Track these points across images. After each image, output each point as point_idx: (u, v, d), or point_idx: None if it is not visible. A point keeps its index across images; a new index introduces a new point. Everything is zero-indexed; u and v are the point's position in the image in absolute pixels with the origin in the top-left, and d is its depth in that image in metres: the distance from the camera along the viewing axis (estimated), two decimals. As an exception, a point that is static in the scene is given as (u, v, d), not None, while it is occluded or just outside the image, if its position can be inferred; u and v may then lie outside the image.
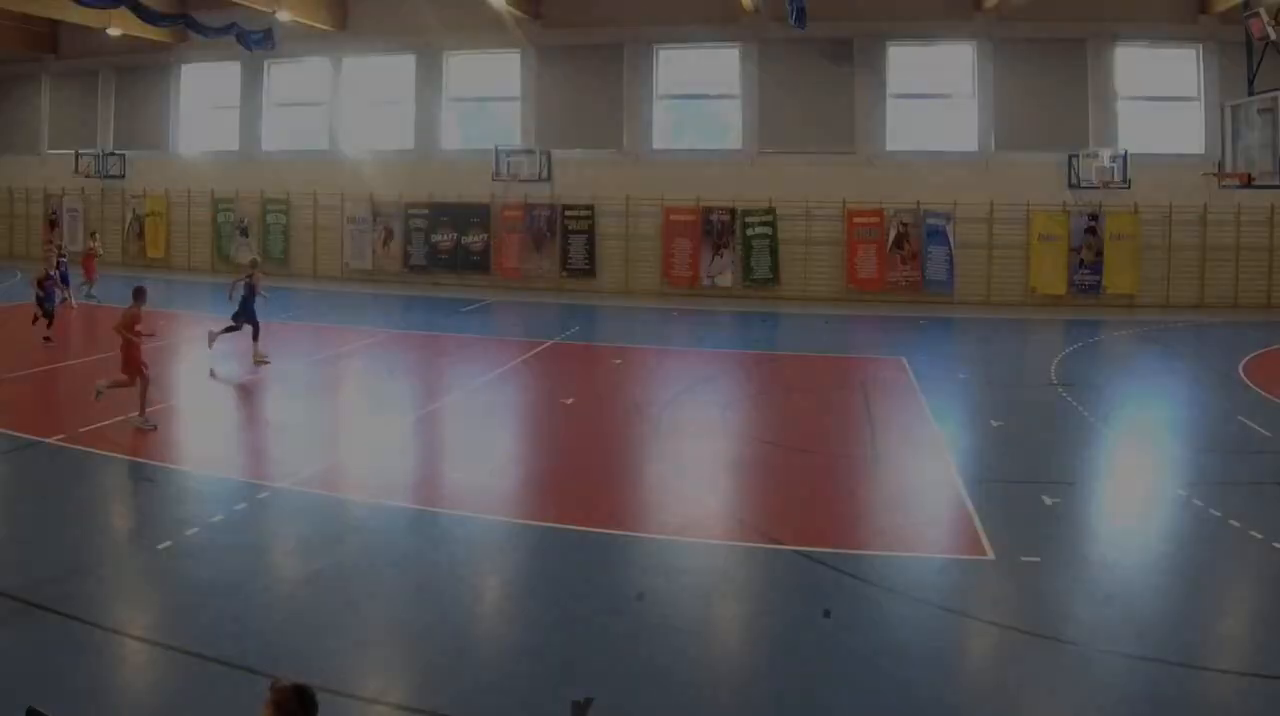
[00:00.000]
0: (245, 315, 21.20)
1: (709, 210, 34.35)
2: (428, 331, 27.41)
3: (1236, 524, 11.98)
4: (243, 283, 21.56)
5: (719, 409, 18.70)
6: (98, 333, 23.82)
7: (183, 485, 13.68)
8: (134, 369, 16.02)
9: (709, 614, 9.96)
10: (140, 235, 39.24)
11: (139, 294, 16.60)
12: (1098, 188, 32.36)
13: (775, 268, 33.92)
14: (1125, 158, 32.03)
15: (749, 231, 34.17)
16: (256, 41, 35.02)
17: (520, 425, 18.36)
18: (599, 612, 9.57)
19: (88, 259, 30.28)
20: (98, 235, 33.56)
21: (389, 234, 36.56)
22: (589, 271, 35.24)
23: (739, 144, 34.91)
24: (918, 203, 33.31)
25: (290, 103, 38.27)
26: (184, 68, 39.21)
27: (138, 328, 16.23)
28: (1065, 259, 32.98)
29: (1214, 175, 26.34)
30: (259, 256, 31.91)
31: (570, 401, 19.14)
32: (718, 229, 34.33)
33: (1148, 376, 23.27)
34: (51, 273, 24.79)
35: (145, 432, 15.39)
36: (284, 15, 33.00)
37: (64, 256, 28.60)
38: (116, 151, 39.65)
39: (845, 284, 33.88)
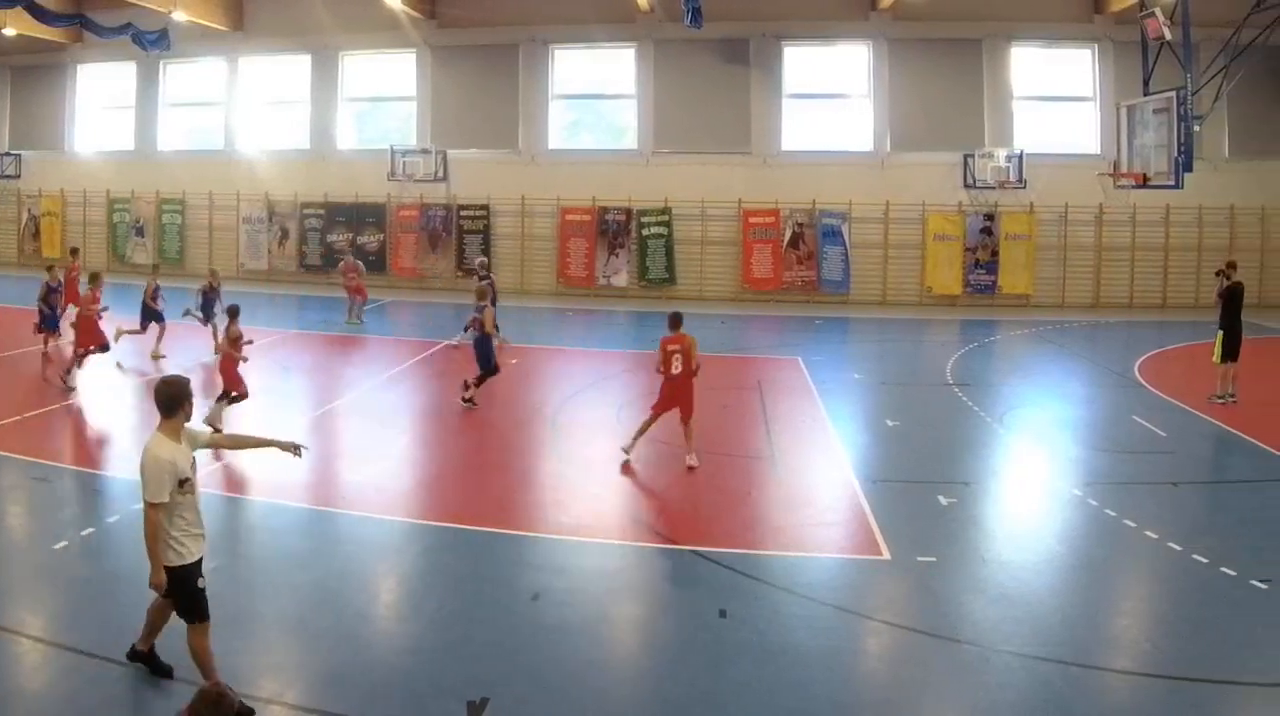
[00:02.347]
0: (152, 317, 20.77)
1: (605, 210, 31.33)
2: (323, 331, 25.24)
3: (1131, 523, 11.35)
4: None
5: (615, 409, 17.20)
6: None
7: (77, 485, 12.76)
8: (232, 382, 15.24)
9: (605, 613, 9.35)
10: (36, 235, 35.59)
11: (235, 313, 16.00)
12: (993, 188, 29.86)
13: (671, 268, 30.94)
14: (1021, 158, 29.56)
15: (645, 231, 31.15)
16: (152, 42, 31.62)
17: (416, 425, 17.01)
18: (495, 612, 9.05)
19: None
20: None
21: (285, 234, 33.23)
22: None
23: (635, 144, 31.88)
24: (813, 203, 30.44)
25: (186, 103, 34.76)
26: (80, 68, 35.61)
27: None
28: (960, 259, 30.29)
29: (1109, 175, 24.75)
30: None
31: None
32: (613, 229, 31.30)
33: (1044, 376, 21.57)
34: None
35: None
36: (180, 16, 29.64)
37: None
38: (11, 151, 36.19)
39: (741, 284, 30.97)
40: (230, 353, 15.17)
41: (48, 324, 20.48)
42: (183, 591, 7.11)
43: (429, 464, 14.48)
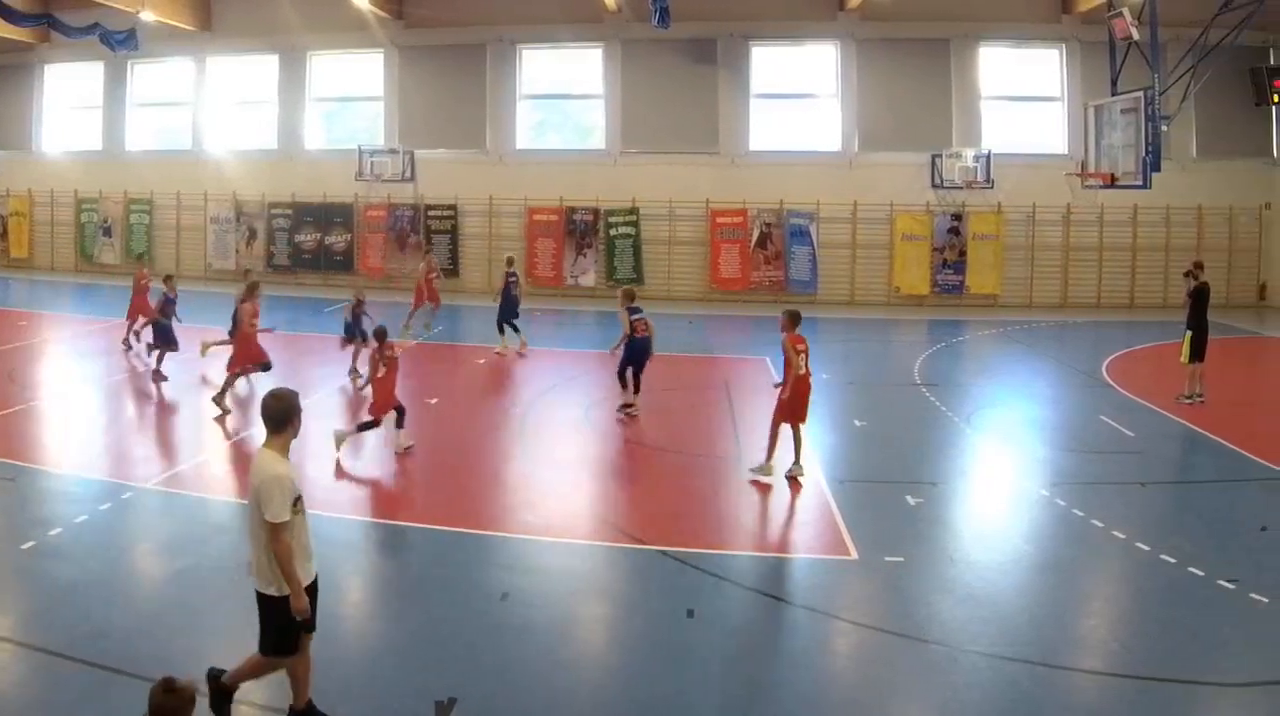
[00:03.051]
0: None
1: (572, 210, 30.37)
2: (292, 331, 24.11)
3: (1099, 524, 11.07)
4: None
5: (583, 408, 16.77)
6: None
7: (46, 486, 12.29)
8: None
9: (573, 613, 9.17)
10: (4, 235, 34.47)
11: (382, 335, 14.37)
12: (961, 188, 28.97)
13: (639, 268, 29.95)
14: (988, 158, 28.69)
15: (612, 231, 30.20)
16: (120, 42, 30.48)
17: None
18: (463, 612, 8.83)
19: None
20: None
21: (252, 234, 32.21)
22: (452, 271, 30.93)
23: (602, 144, 30.91)
24: (781, 203, 29.54)
25: (154, 103, 33.64)
26: (47, 68, 34.45)
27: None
28: (928, 259, 29.43)
29: (1077, 175, 24.12)
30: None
31: (434, 401, 17.18)
32: (581, 229, 30.36)
33: (1011, 376, 20.99)
34: None
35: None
36: (148, 15, 28.64)
37: None
38: (-21, 152, 34.94)
39: (709, 284, 30.03)
40: (385, 377, 14.07)
41: (164, 339, 18.55)
42: (277, 622, 6.58)
43: (398, 464, 13.83)
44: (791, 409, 12.54)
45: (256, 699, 7.31)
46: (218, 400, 15.54)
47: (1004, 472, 13.72)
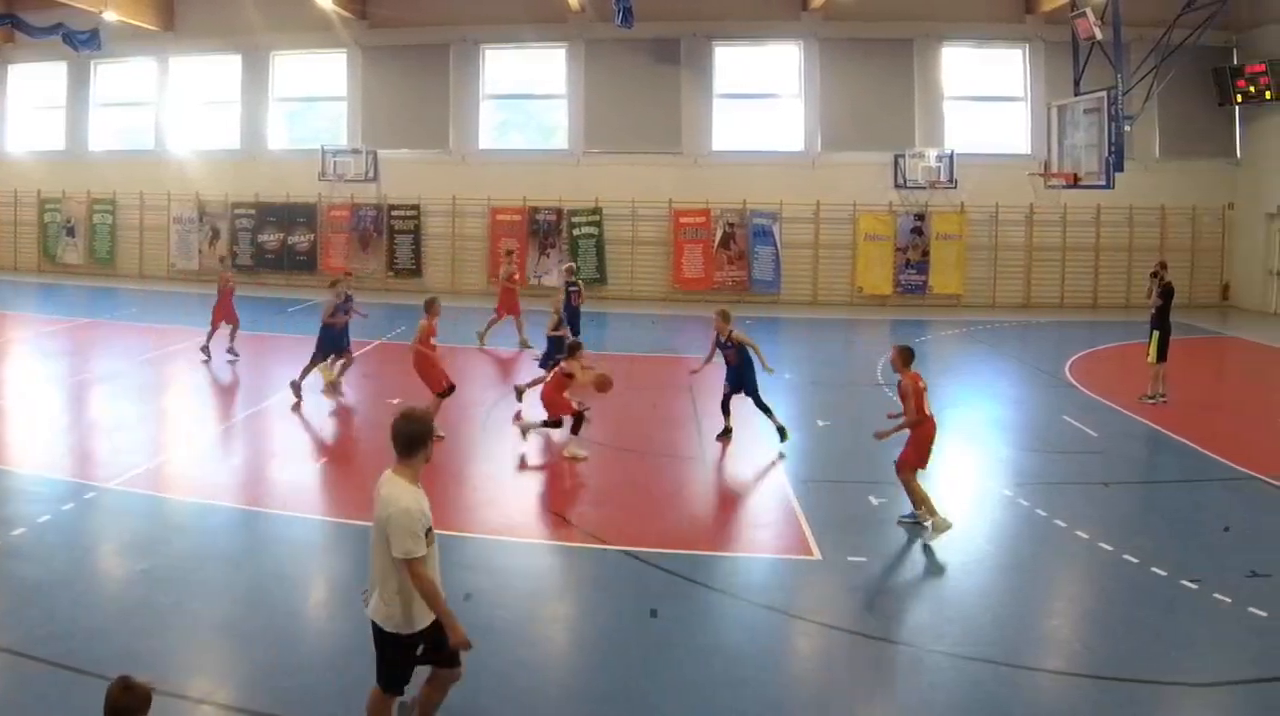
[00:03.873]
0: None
1: (535, 210, 29.34)
2: (254, 332, 23.12)
3: (1062, 524, 10.84)
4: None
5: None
6: None
7: (9, 485, 11.93)
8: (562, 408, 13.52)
9: (536, 613, 8.90)
10: (-33, 236, 33.16)
11: (575, 349, 13.74)
12: (924, 188, 28.10)
13: (602, 267, 28.99)
14: (951, 158, 27.86)
15: (575, 231, 29.18)
16: (83, 42, 29.48)
17: (346, 425, 16.02)
18: None
19: None
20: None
21: (215, 234, 31.03)
22: (415, 271, 30.08)
23: (566, 144, 29.90)
24: (744, 203, 28.57)
25: (117, 103, 32.48)
26: (10, 68, 33.22)
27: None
28: (891, 259, 28.45)
29: (1040, 175, 23.55)
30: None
31: (396, 401, 15.83)
32: (544, 229, 29.29)
33: (975, 376, 20.29)
34: None
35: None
36: (111, 16, 27.49)
37: None
38: (-57, 152, 33.60)
39: (672, 284, 29.02)
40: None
41: (333, 346, 16.81)
42: (390, 657, 6.04)
43: (361, 464, 13.34)
44: (920, 457, 10.95)
45: (220, 698, 7.13)
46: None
47: (967, 473, 13.28)
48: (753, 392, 13.95)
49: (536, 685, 7.57)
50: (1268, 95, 26.49)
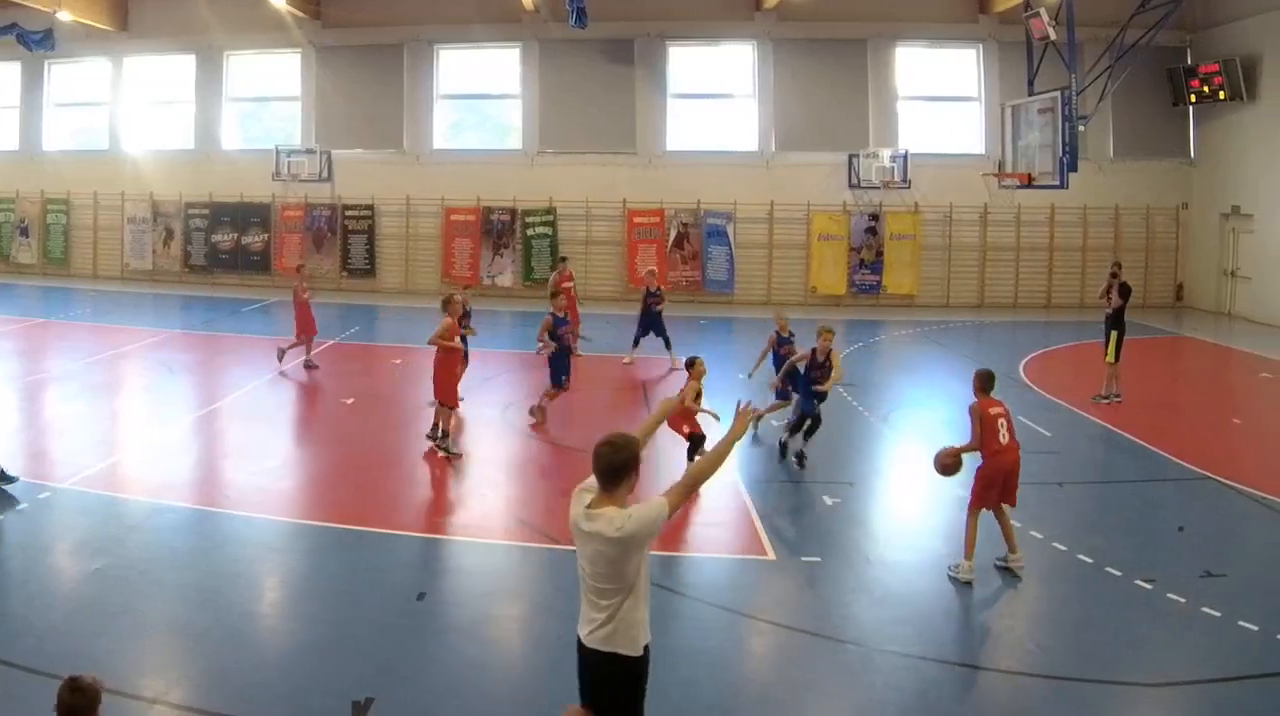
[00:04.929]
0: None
1: (490, 210, 28.11)
2: (208, 332, 22.80)
3: (1016, 523, 9.93)
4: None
5: (499, 408, 15.79)
6: None
7: None
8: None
9: (490, 613, 8.60)
10: (-80, 236, 31.66)
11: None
12: (878, 187, 26.95)
13: (556, 268, 28.54)
14: (905, 158, 26.72)
15: (530, 231, 27.97)
16: (37, 41, 28.38)
17: (301, 425, 15.76)
18: (380, 612, 8.35)
19: None
20: None
21: (170, 234, 29.73)
22: (369, 271, 28.82)
23: (519, 144, 28.67)
24: (698, 203, 27.42)
25: (71, 103, 31.14)
26: None
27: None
28: (845, 259, 27.30)
29: (994, 175, 22.66)
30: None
31: (350, 401, 16.22)
32: (498, 229, 28.09)
33: (929, 376, 19.78)
34: None
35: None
36: (65, 15, 26.19)
37: None
38: (-104, 152, 32.07)
39: (626, 284, 27.78)
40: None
41: (560, 372, 14.81)
42: (634, 688, 5.44)
43: (314, 464, 13.17)
44: (999, 490, 9.40)
45: (173, 698, 6.91)
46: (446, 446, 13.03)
47: (920, 472, 12.56)
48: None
49: (490, 684, 7.38)
50: (1222, 95, 25.57)
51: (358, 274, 29.08)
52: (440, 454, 12.87)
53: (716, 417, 12.05)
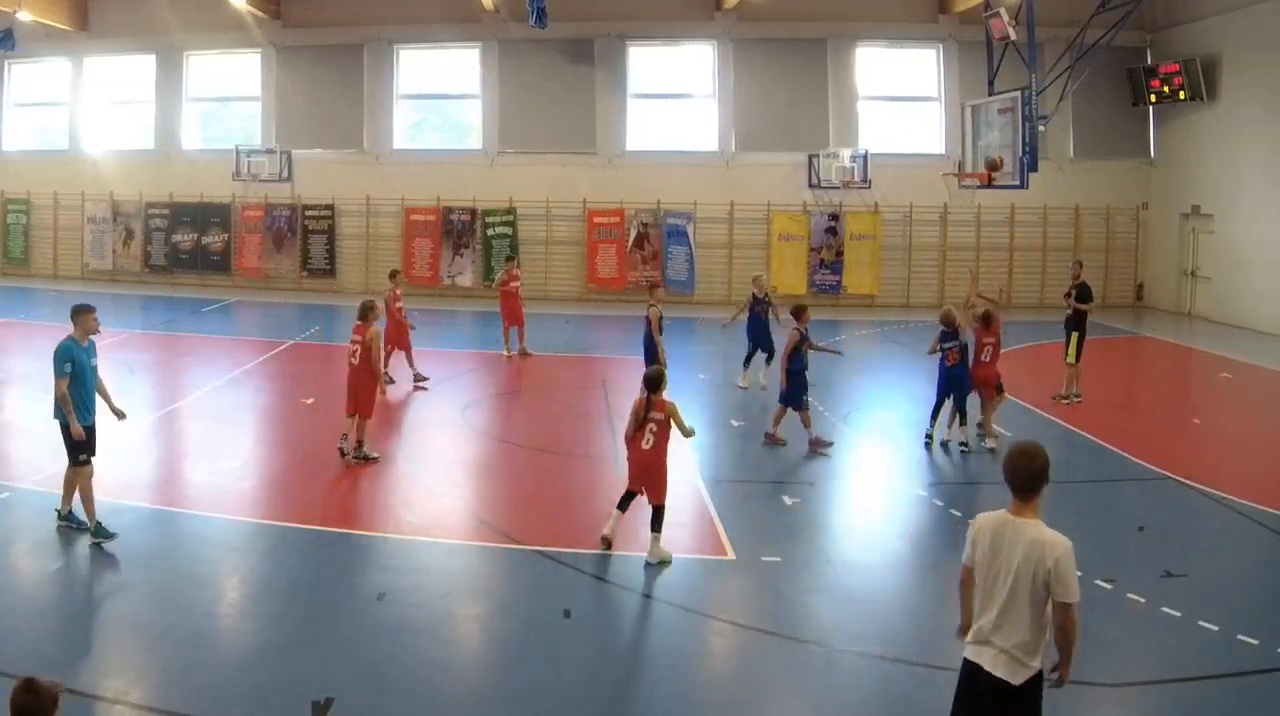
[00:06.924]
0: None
1: (449, 210, 26.42)
2: (167, 332, 21.65)
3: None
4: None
5: (459, 409, 15.13)
6: None
7: None
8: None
9: (450, 613, 8.14)
10: (-119, 237, 29.81)
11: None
12: (838, 188, 25.32)
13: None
14: (866, 158, 25.06)
15: (490, 231, 26.25)
16: (-2, 41, 27.58)
17: (260, 425, 14.92)
18: (339, 612, 7.92)
19: None
20: None
21: (130, 234, 27.90)
22: (329, 271, 27.08)
23: (479, 144, 26.98)
24: (658, 203, 25.78)
25: (31, 103, 29.33)
26: None
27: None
28: (805, 259, 25.66)
29: (954, 175, 21.18)
30: None
31: (311, 401, 15.37)
32: (458, 229, 26.41)
33: (889, 376, 18.94)
34: None
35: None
36: (25, 15, 24.35)
37: None
38: None
39: (586, 284, 26.22)
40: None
41: (797, 390, 12.75)
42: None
43: (275, 464, 12.59)
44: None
45: (133, 698, 6.59)
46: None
47: (881, 472, 12.51)
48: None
49: (450, 684, 7.07)
50: (1181, 95, 24.06)
51: (318, 274, 27.31)
52: (356, 463, 11.97)
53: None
